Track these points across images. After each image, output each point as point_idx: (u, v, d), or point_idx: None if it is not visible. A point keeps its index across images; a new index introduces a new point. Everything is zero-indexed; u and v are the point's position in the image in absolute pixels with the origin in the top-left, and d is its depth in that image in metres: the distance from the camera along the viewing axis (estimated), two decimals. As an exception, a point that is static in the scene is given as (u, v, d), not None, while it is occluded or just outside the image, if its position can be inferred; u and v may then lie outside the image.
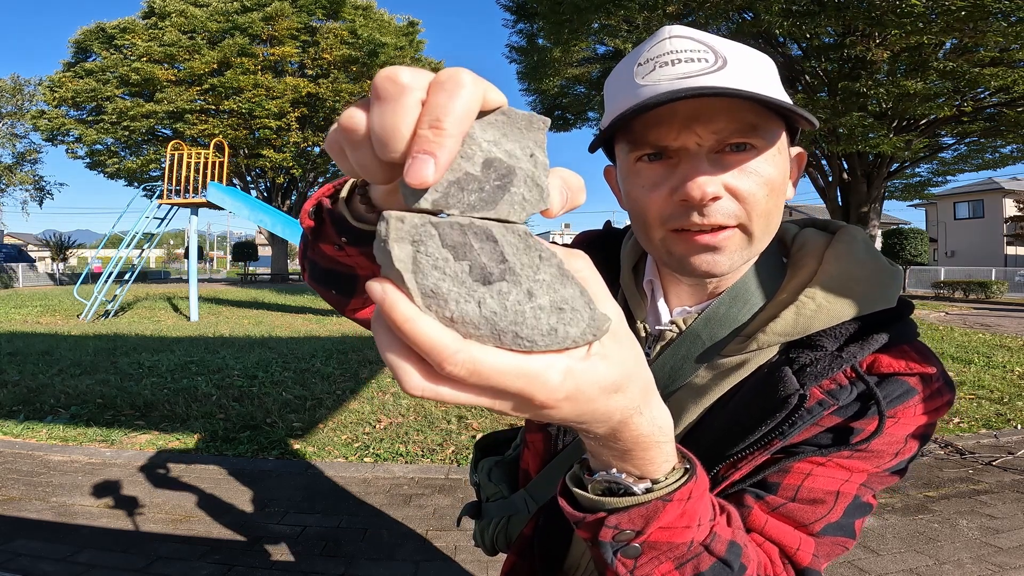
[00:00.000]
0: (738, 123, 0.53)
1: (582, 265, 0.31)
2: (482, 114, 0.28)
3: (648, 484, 0.40)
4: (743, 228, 0.55)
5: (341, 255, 0.49)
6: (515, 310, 0.27)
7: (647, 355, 0.64)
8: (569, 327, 0.28)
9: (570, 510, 0.43)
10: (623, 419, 0.34)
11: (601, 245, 0.75)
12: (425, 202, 0.26)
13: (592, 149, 0.61)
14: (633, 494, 0.39)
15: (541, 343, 0.27)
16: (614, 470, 0.39)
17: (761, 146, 0.54)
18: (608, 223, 0.82)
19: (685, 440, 0.59)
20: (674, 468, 0.41)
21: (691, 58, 0.53)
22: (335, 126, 0.28)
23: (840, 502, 0.55)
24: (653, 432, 0.37)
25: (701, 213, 0.53)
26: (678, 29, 0.56)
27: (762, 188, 0.54)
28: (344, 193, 0.45)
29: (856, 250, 0.59)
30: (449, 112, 0.25)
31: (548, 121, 0.29)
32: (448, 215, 0.26)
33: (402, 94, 0.25)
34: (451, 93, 0.25)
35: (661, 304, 0.65)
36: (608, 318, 0.29)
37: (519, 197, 0.28)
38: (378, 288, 0.26)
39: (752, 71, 0.54)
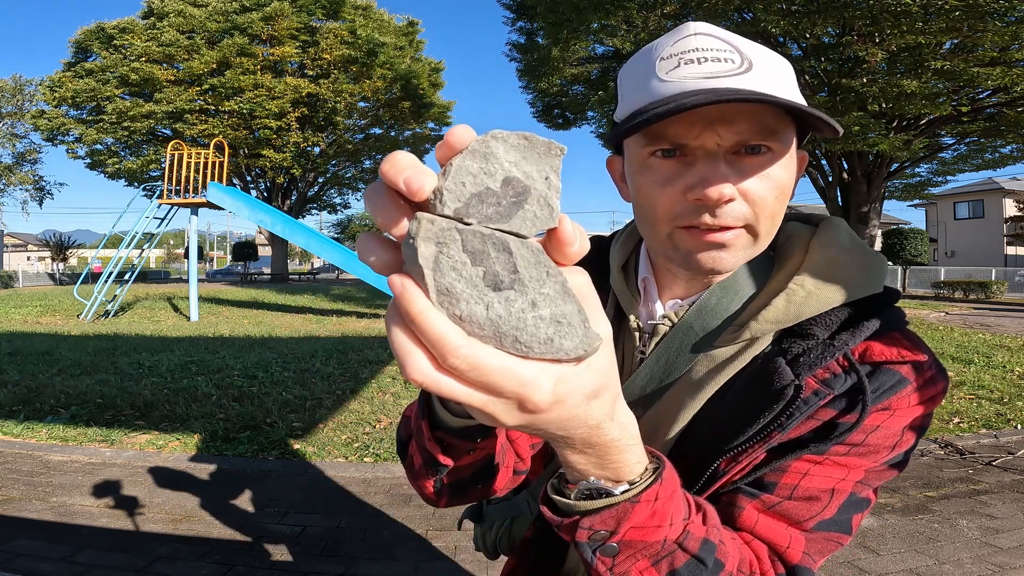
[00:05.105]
0: (758, 126, 0.53)
1: (583, 282, 0.33)
2: (508, 137, 0.31)
3: (625, 486, 0.42)
4: (749, 228, 0.55)
5: (478, 454, 0.56)
6: (518, 317, 0.29)
7: (642, 352, 0.65)
8: (564, 340, 0.30)
9: (550, 515, 0.45)
10: (597, 424, 0.36)
11: (591, 261, 0.75)
12: (448, 209, 0.29)
13: (609, 143, 0.61)
14: (612, 495, 0.42)
15: (536, 351, 0.30)
16: (592, 478, 0.41)
17: (777, 149, 0.54)
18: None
19: (683, 435, 0.60)
20: (645, 469, 0.43)
21: (717, 57, 0.53)
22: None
23: (835, 499, 0.55)
24: (624, 436, 0.39)
25: (713, 214, 0.54)
26: (703, 26, 0.56)
27: (772, 192, 0.55)
28: (424, 424, 0.52)
29: (841, 239, 0.61)
30: None
31: (565, 149, 0.32)
32: (467, 223, 0.30)
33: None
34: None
35: (656, 300, 0.66)
36: (600, 337, 0.32)
37: (531, 214, 0.31)
38: (398, 282, 0.28)
39: (775, 75, 0.54)
